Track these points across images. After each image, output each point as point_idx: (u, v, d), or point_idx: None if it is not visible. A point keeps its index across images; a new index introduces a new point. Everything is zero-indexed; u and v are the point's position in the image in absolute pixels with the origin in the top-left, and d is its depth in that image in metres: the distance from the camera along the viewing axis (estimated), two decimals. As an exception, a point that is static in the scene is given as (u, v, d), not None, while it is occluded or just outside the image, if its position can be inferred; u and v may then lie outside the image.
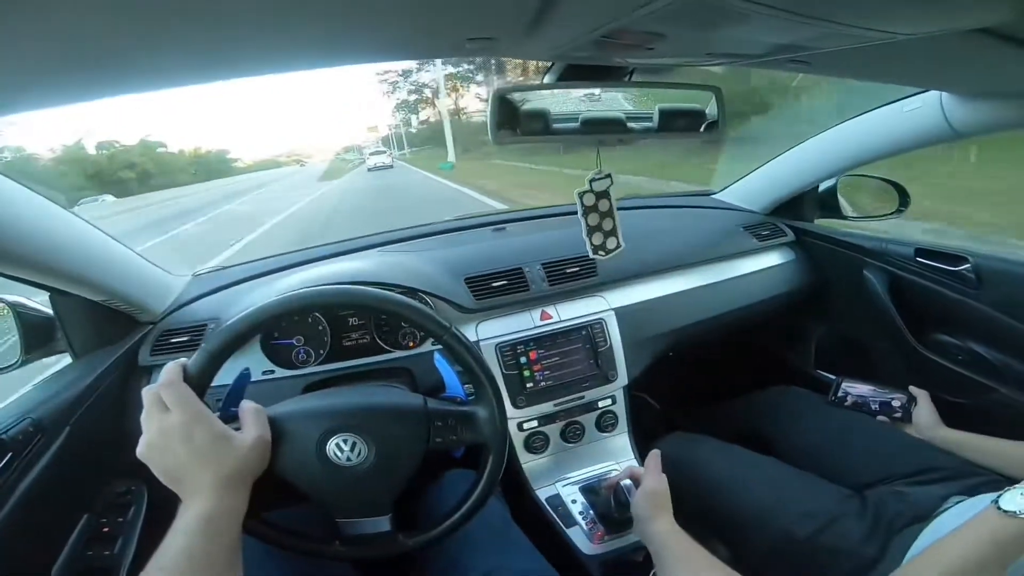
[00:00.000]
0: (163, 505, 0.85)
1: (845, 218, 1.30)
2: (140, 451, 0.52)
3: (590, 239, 0.79)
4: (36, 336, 0.82)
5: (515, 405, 0.96)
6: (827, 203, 1.32)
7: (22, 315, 0.81)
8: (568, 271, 1.06)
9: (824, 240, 1.26)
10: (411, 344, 0.96)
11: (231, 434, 0.54)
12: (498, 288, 1.02)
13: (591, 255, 0.81)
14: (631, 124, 0.71)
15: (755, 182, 1.39)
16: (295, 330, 0.92)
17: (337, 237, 1.30)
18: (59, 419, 0.75)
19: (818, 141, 1.19)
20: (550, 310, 1.03)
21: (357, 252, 1.17)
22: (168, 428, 0.51)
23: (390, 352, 0.95)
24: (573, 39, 0.51)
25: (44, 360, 0.87)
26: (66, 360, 0.88)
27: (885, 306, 1.11)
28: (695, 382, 1.57)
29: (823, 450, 0.92)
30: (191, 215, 15.55)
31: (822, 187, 1.31)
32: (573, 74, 0.68)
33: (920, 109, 0.91)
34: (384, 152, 34.43)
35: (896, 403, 0.98)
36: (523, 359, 0.98)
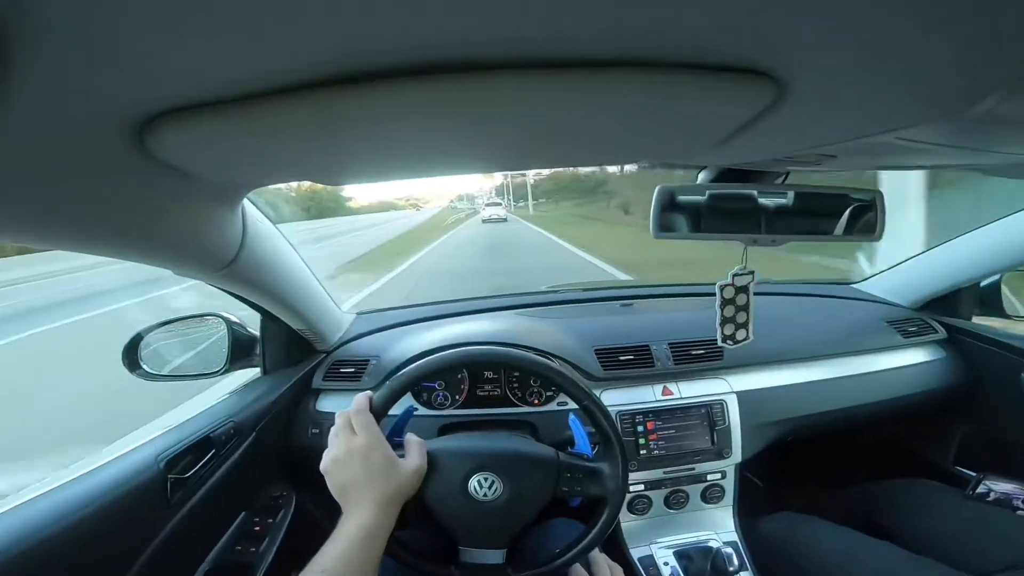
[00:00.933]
0: (305, 513, 0.97)
1: (1008, 317, 1.19)
2: (324, 465, 0.62)
3: (722, 328, 0.82)
4: (240, 351, 1.00)
5: None
6: (988, 300, 1.22)
7: (235, 332, 0.99)
8: (694, 352, 1.08)
9: (979, 339, 1.16)
10: (536, 402, 1.03)
11: (398, 460, 0.63)
12: (625, 361, 1.06)
13: (720, 343, 0.83)
14: (768, 215, 0.73)
15: (905, 274, 1.31)
16: (449, 372, 1.03)
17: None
18: (251, 425, 0.90)
19: (985, 233, 1.11)
20: (672, 387, 1.05)
21: (497, 311, 1.29)
22: (353, 448, 0.61)
23: (517, 406, 1.02)
24: (749, 157, 0.57)
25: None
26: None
27: None
28: (809, 465, 1.48)
29: (949, 538, 0.86)
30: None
31: (984, 283, 1.21)
32: (728, 175, 0.73)
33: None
34: (499, 204, 34.80)
35: None
36: (640, 427, 1.01)
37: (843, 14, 0.24)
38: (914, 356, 1.18)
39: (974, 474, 1.00)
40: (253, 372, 1.06)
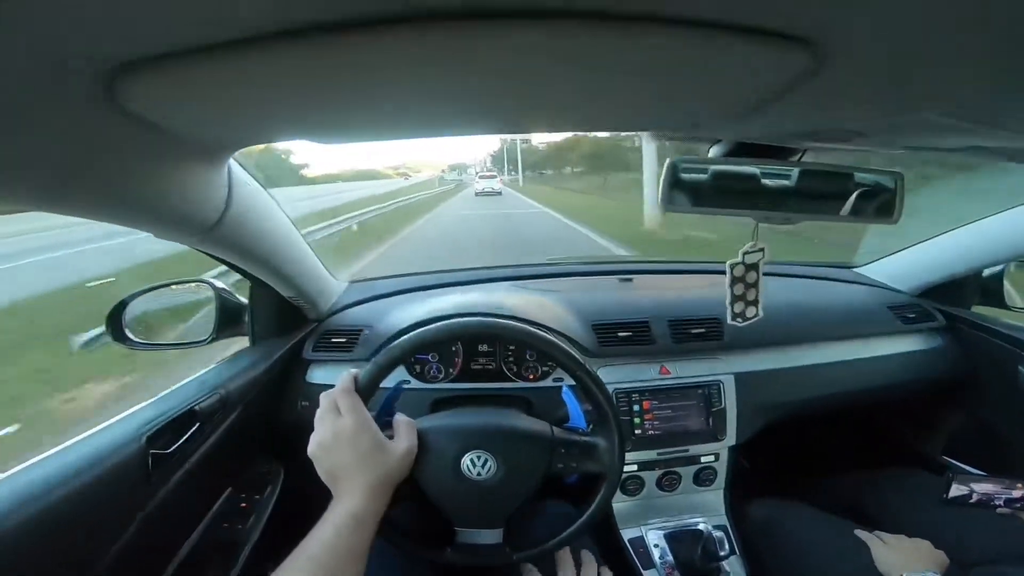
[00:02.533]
0: (293, 490, 0.95)
1: (1009, 308, 1.18)
2: (311, 450, 0.59)
3: (731, 307, 0.80)
4: (228, 319, 0.97)
5: None
6: (990, 290, 1.21)
7: (223, 300, 0.95)
8: (693, 331, 1.06)
9: (979, 329, 1.16)
10: (531, 376, 1.01)
11: (388, 443, 0.61)
12: (623, 338, 1.04)
13: (729, 320, 0.81)
14: (782, 192, 0.70)
15: (907, 260, 1.30)
16: (440, 345, 1.00)
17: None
18: (238, 397, 0.86)
19: (990, 223, 1.10)
20: (670, 366, 1.04)
21: (493, 282, 1.26)
22: (340, 432, 0.59)
23: (513, 381, 1.00)
24: (775, 131, 0.54)
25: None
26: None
27: None
28: (801, 451, 1.49)
29: (931, 530, 0.86)
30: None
31: (986, 273, 1.20)
32: (744, 150, 0.70)
33: None
34: (494, 176, 31.40)
35: (1017, 493, 0.90)
36: (636, 407, 1.00)
37: None
38: (913, 343, 1.17)
39: (960, 464, 1.00)
40: (242, 342, 1.03)
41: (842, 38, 0.29)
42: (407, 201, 19.15)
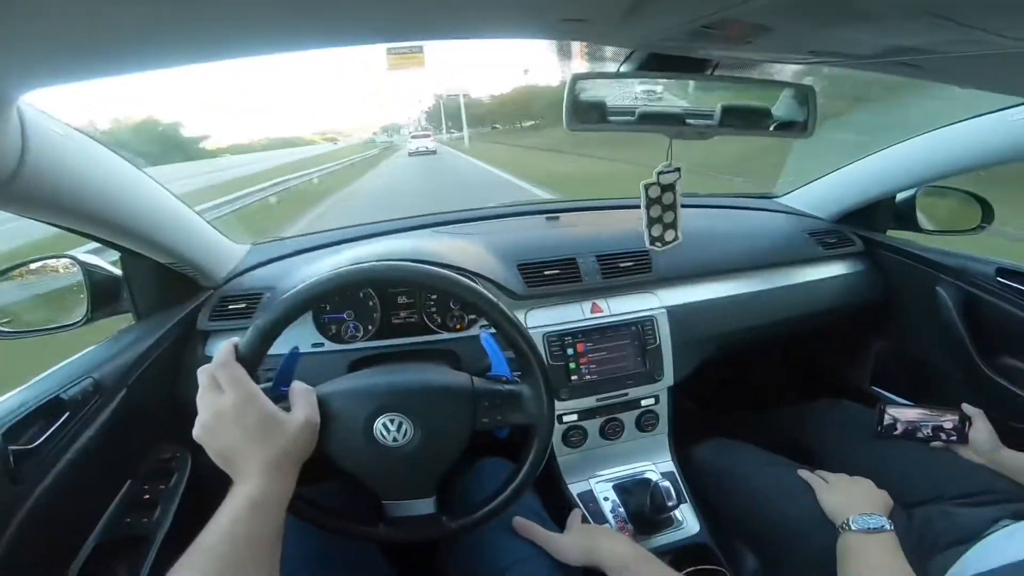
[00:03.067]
0: (205, 475, 0.86)
1: (921, 231, 1.23)
2: (196, 433, 0.53)
3: (649, 230, 0.77)
4: (103, 296, 0.85)
5: (558, 397, 0.94)
6: (903, 214, 1.25)
7: (92, 274, 0.83)
8: (622, 265, 1.03)
9: (896, 253, 1.20)
10: (458, 327, 0.95)
11: (281, 416, 0.54)
12: (550, 276, 1.00)
13: (648, 245, 0.79)
14: (691, 121, 0.68)
15: (825, 187, 1.32)
16: (346, 305, 0.92)
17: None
18: (118, 380, 0.77)
19: (904, 147, 1.12)
20: (601, 303, 1.01)
21: (410, 231, 1.18)
22: (222, 410, 0.52)
23: (437, 333, 0.95)
24: (670, 28, 0.48)
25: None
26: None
27: (956, 326, 1.04)
28: (739, 388, 1.53)
29: (870, 467, 0.88)
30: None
31: (899, 197, 1.24)
32: (654, 64, 0.65)
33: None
34: (428, 136, 29.23)
35: (948, 424, 0.91)
36: (570, 351, 0.97)
37: None
38: (834, 269, 1.20)
39: (888, 395, 1.02)
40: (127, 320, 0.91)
41: None
42: (310, 176, 14.06)
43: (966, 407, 0.90)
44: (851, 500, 0.76)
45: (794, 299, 1.15)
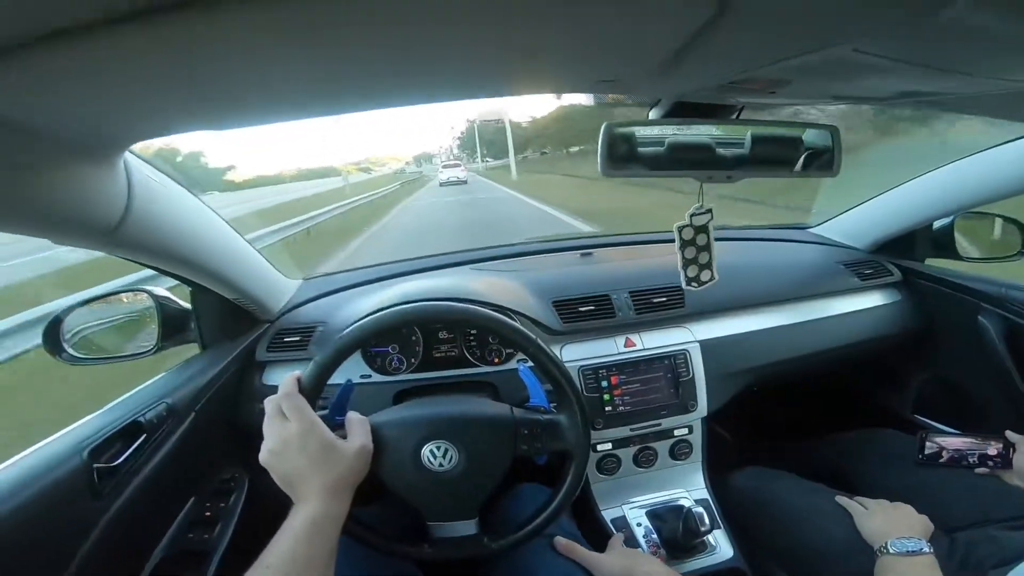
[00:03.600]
0: (261, 495, 0.92)
1: (961, 259, 1.20)
2: (263, 457, 0.58)
3: (685, 271, 0.80)
4: (172, 327, 0.93)
5: (593, 427, 0.97)
6: (941, 242, 1.24)
7: (164, 307, 0.91)
8: (655, 300, 1.06)
9: (935, 282, 1.18)
10: (496, 360, 0.99)
11: (339, 443, 0.59)
12: (585, 313, 1.03)
13: (684, 286, 0.81)
14: (721, 151, 0.70)
15: (860, 217, 1.31)
16: (391, 339, 0.98)
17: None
18: (187, 405, 0.84)
19: (939, 174, 1.11)
20: (635, 338, 1.03)
21: (451, 268, 1.23)
22: (287, 437, 0.57)
23: (477, 366, 0.99)
24: (698, 84, 0.52)
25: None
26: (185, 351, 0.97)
27: (999, 354, 1.03)
28: (775, 418, 1.50)
29: (911, 493, 0.86)
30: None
31: (936, 225, 1.22)
32: (681, 110, 0.69)
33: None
34: (458, 165, 28.84)
35: (993, 451, 0.90)
36: (604, 383, 0.99)
37: None
38: (871, 299, 1.19)
39: (930, 422, 1.01)
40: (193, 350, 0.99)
41: None
42: (325, 215, 11.51)
43: (1010, 434, 0.89)
44: (890, 524, 0.75)
45: (830, 331, 1.14)
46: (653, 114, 0.71)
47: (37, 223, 0.51)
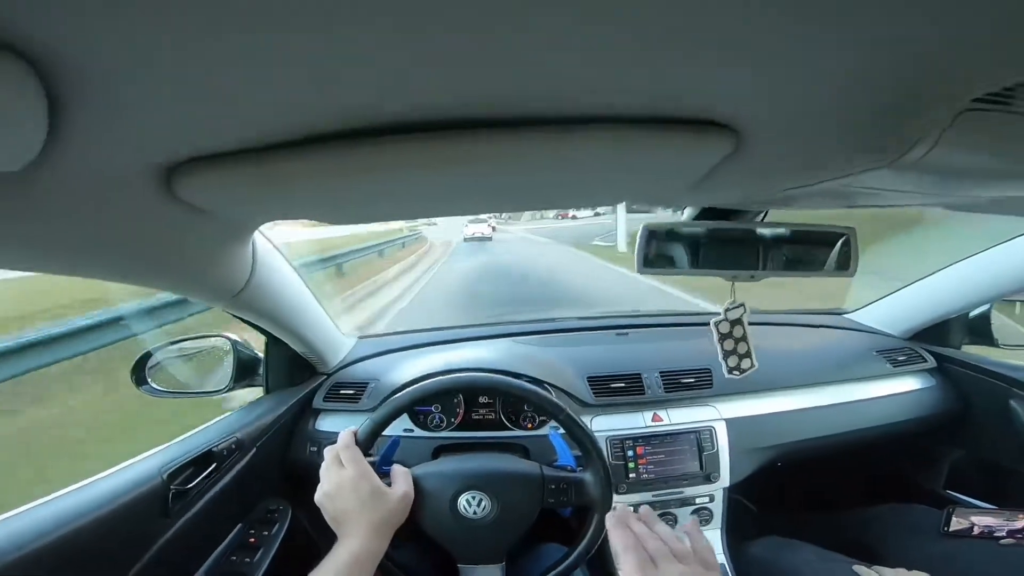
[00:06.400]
0: (301, 527, 1.00)
1: (999, 346, 1.21)
2: (318, 497, 0.67)
3: (725, 361, 0.83)
4: (244, 371, 1.04)
5: (616, 491, 1.01)
6: (978, 329, 1.24)
7: (239, 353, 1.03)
8: (684, 381, 1.11)
9: (968, 368, 1.19)
10: (529, 425, 1.06)
11: (385, 489, 0.68)
12: (616, 389, 1.10)
13: (727, 375, 0.84)
14: (746, 252, 0.74)
15: (895, 304, 1.33)
16: (435, 399, 1.07)
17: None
18: (252, 440, 0.93)
19: (974, 263, 1.14)
20: (662, 413, 1.07)
21: (493, 339, 1.33)
22: (342, 481, 0.66)
23: (511, 430, 1.06)
24: (724, 200, 0.61)
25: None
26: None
27: None
28: (799, 490, 1.49)
29: (935, 564, 0.85)
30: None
31: (973, 313, 1.24)
32: (710, 213, 0.77)
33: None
34: (484, 222, 24.31)
35: (1021, 523, 0.90)
36: (630, 452, 1.03)
37: (788, 72, 0.28)
38: (904, 384, 1.20)
39: (964, 497, 1.00)
40: (256, 392, 1.09)
41: (751, 121, 0.36)
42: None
43: None
44: None
45: (861, 413, 1.15)
46: (685, 213, 0.80)
47: (185, 285, 0.63)
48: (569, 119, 0.34)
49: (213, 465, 0.84)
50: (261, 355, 1.06)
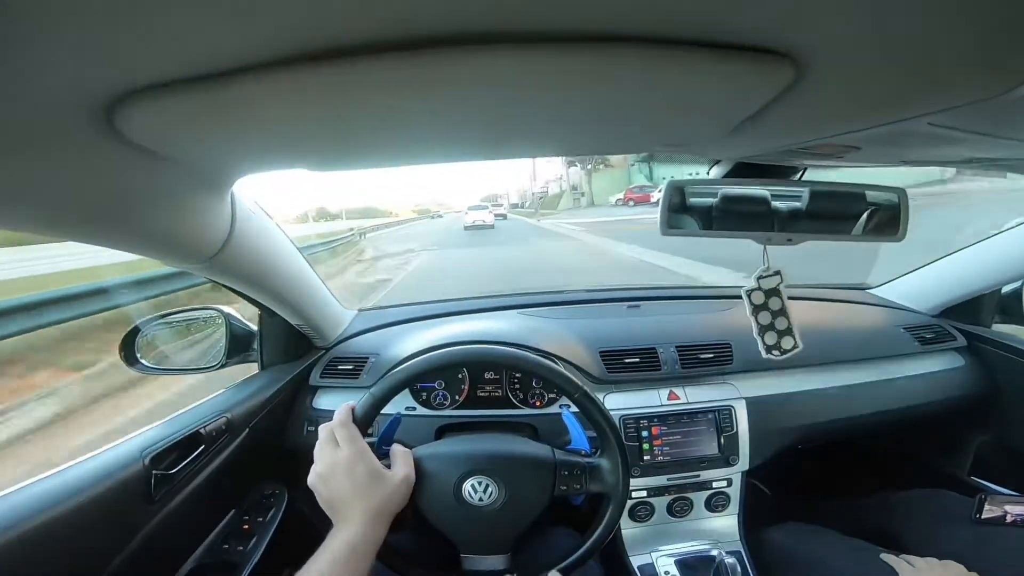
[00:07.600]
0: (297, 513, 0.95)
1: None
2: (311, 480, 0.61)
3: (762, 338, 0.76)
4: (238, 345, 0.98)
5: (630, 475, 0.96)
6: (1010, 307, 1.18)
7: (232, 326, 0.97)
8: (702, 356, 1.05)
9: (1000, 348, 1.12)
10: (538, 403, 1.00)
11: (384, 472, 0.62)
12: (630, 364, 1.03)
13: (764, 355, 0.78)
14: (782, 211, 0.69)
15: (923, 280, 1.27)
16: (438, 374, 1.01)
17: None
18: (243, 421, 0.88)
19: (1007, 238, 1.07)
20: (678, 391, 1.02)
21: (500, 310, 1.26)
22: (336, 463, 0.60)
23: (518, 408, 1.00)
24: (765, 148, 0.54)
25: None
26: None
27: None
28: (819, 475, 1.44)
29: (964, 553, 0.81)
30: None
31: (1005, 289, 1.18)
32: (743, 170, 0.70)
33: None
34: (485, 208, 25.60)
35: None
36: (644, 432, 0.98)
37: None
38: (932, 364, 1.14)
39: (991, 485, 0.95)
40: (252, 367, 1.04)
41: (820, 50, 0.30)
42: None
43: None
44: None
45: (886, 395, 1.10)
46: (714, 172, 0.73)
47: (151, 244, 0.56)
48: (598, 36, 0.28)
49: (200, 448, 0.78)
50: (255, 329, 1.00)
